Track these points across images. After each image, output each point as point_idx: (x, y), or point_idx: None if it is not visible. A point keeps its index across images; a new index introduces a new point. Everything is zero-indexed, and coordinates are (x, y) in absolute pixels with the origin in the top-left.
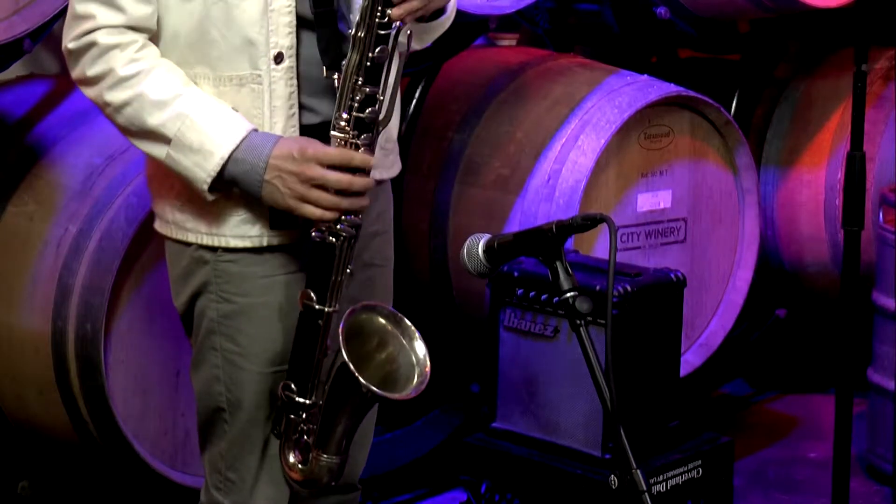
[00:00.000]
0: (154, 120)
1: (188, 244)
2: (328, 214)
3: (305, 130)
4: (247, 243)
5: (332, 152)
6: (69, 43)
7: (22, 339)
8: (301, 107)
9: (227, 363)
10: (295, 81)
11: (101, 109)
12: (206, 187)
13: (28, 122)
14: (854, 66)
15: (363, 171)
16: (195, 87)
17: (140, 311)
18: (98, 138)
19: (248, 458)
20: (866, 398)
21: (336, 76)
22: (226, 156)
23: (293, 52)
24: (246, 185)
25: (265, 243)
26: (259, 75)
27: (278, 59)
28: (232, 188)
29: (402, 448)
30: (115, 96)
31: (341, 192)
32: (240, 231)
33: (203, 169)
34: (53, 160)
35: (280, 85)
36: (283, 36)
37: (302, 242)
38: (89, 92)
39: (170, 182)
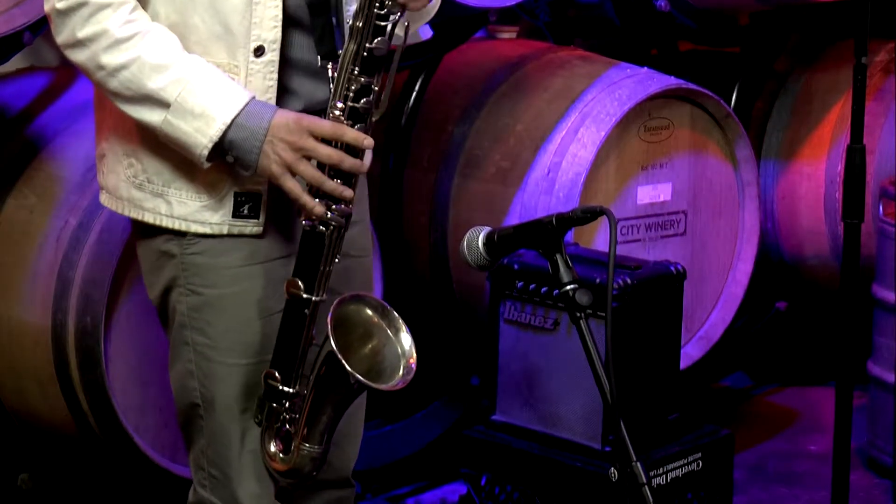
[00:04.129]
0: (153, 84)
1: (154, 235)
2: (307, 200)
3: None
4: (207, 230)
5: (325, 124)
6: (57, 3)
7: (22, 331)
8: (287, 92)
9: (199, 357)
10: (275, 76)
11: (91, 73)
12: (206, 153)
13: (28, 115)
14: (854, 59)
15: (355, 151)
16: (189, 53)
17: (140, 304)
18: None
19: (227, 453)
20: (866, 391)
21: (330, 66)
22: (228, 121)
23: (277, 46)
24: (244, 151)
25: (226, 231)
26: (236, 66)
27: (258, 52)
28: (227, 157)
29: (401, 440)
30: (111, 59)
31: (331, 171)
32: (201, 217)
33: (204, 134)
34: (53, 153)
35: (258, 78)
36: (267, 29)
37: (268, 234)
38: (79, 55)
39: (130, 159)
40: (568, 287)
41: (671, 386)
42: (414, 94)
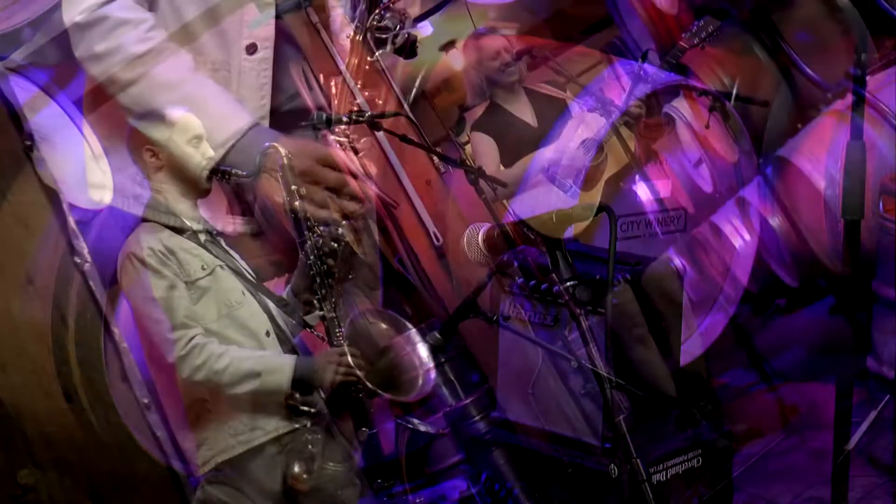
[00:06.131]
0: (160, 102)
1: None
2: (321, 212)
3: (278, 117)
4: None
5: (331, 153)
6: (77, 16)
7: (22, 328)
8: (281, 92)
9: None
10: (269, 74)
11: (106, 87)
12: (205, 174)
13: (28, 111)
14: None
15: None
16: (200, 73)
17: None
18: None
19: (236, 447)
20: (866, 387)
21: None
22: (228, 146)
23: (270, 44)
24: (244, 176)
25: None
26: (228, 63)
27: (250, 49)
28: (230, 178)
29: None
30: (123, 74)
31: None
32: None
33: (204, 155)
34: (54, 149)
35: (250, 76)
36: (259, 27)
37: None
38: (95, 69)
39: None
40: (568, 283)
41: (671, 383)
42: (414, 90)
